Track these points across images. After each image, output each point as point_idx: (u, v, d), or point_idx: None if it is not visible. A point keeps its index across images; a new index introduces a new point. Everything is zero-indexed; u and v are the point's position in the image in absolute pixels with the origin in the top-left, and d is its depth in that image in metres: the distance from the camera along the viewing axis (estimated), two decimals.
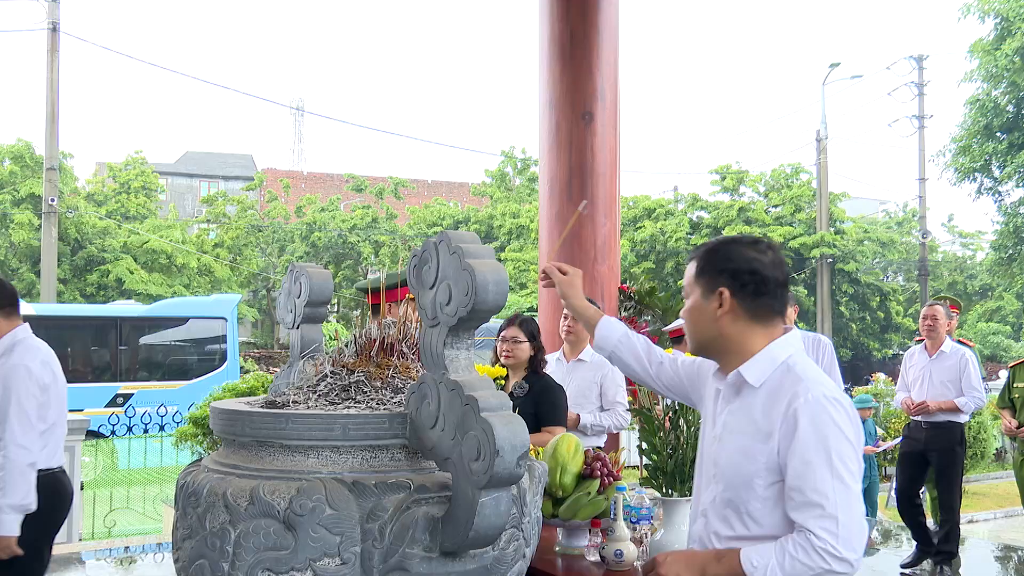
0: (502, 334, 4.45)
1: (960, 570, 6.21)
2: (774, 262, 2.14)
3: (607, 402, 5.00)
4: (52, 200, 19.08)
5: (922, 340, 7.33)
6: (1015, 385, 6.23)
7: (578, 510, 3.03)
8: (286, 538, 1.96)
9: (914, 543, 6.17)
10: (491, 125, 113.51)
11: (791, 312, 5.45)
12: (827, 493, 1.95)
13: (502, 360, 4.39)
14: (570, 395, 4.87)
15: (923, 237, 29.04)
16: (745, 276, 2.11)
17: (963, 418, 6.27)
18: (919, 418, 6.30)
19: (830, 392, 2.03)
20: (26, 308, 15.33)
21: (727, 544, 2.10)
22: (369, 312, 3.28)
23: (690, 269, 2.22)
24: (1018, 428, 6.06)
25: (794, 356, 2.12)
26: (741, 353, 2.14)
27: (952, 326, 7.34)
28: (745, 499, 2.07)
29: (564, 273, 2.58)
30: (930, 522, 6.97)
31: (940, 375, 6.27)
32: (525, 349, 4.38)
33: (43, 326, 15.43)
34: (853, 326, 31.66)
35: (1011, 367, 6.49)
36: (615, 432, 5.18)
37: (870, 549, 6.68)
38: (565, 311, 5.07)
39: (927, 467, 6.29)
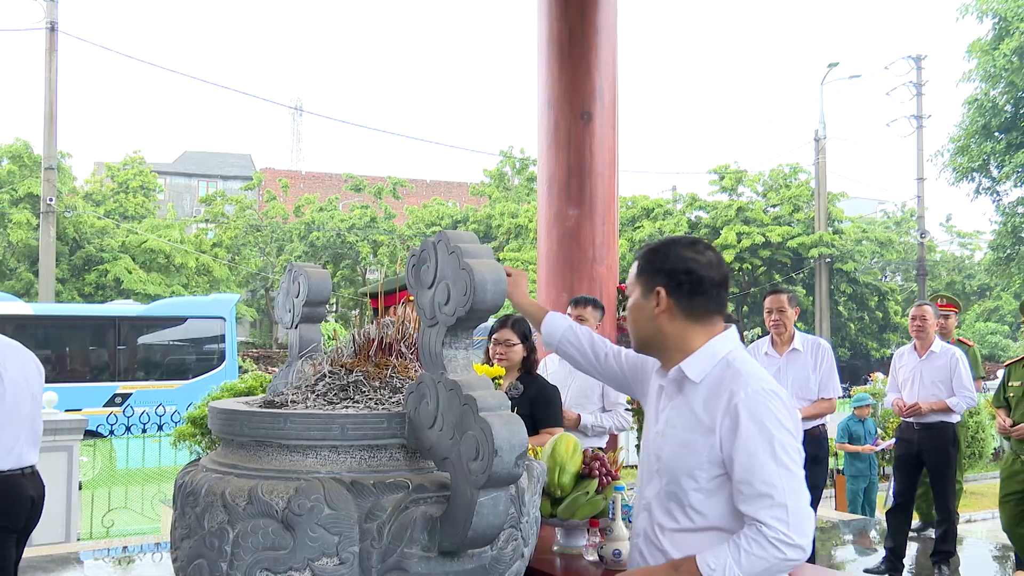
0: (494, 336, 4.41)
1: (960, 569, 6.21)
2: (711, 263, 2.21)
3: (609, 403, 4.99)
4: (50, 200, 19.07)
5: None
6: (1010, 384, 6.18)
7: (576, 510, 3.03)
8: (284, 538, 1.96)
9: (884, 550, 6.14)
10: (490, 125, 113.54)
11: (792, 313, 5.42)
12: (774, 482, 2.01)
13: (495, 362, 4.36)
14: (572, 396, 4.87)
15: (921, 237, 29.06)
16: (681, 276, 2.19)
17: (955, 418, 6.24)
18: (911, 420, 6.28)
19: (768, 385, 2.11)
20: (24, 308, 15.41)
21: (671, 537, 2.17)
22: (370, 316, 3.27)
23: (632, 269, 2.30)
24: (1012, 427, 6.03)
25: (733, 352, 2.20)
26: (681, 350, 2.21)
27: (951, 325, 7.33)
28: (687, 491, 2.13)
29: (508, 275, 2.62)
30: (916, 522, 6.97)
31: (931, 375, 6.24)
32: (518, 351, 4.35)
33: (41, 326, 15.51)
34: (851, 326, 31.69)
35: (1007, 366, 6.43)
36: (616, 433, 5.17)
37: (867, 549, 6.68)
38: (569, 313, 5.07)
39: (922, 468, 6.27)
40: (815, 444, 5.01)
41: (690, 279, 2.18)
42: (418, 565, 1.97)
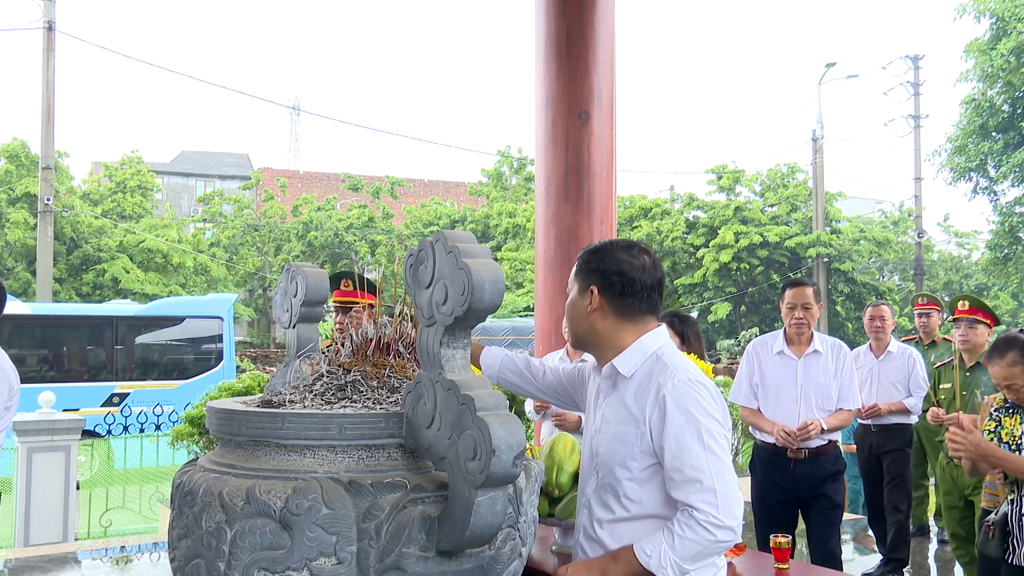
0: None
1: (930, 575, 6.20)
2: (644, 266, 2.32)
3: None
4: (48, 199, 19.06)
5: (911, 340, 7.27)
6: (940, 387, 5.95)
7: (574, 509, 3.03)
8: (282, 537, 1.96)
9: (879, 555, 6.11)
10: (487, 124, 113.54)
11: (816, 310, 5.19)
12: (703, 467, 2.12)
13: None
14: None
15: (919, 237, 29.11)
16: (613, 277, 2.31)
17: (913, 419, 6.17)
18: (868, 421, 6.20)
19: (694, 376, 2.22)
20: (22, 307, 15.39)
21: (608, 528, 2.28)
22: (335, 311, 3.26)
23: (573, 269, 2.45)
24: (946, 418, 5.82)
25: (663, 347, 2.32)
26: (613, 347, 2.34)
27: (934, 324, 7.25)
28: (621, 481, 2.25)
29: None
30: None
31: (888, 376, 6.17)
32: None
33: (39, 325, 15.49)
34: (849, 325, 31.71)
35: (936, 368, 6.17)
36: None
37: (867, 549, 6.68)
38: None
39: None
40: (831, 461, 4.77)
41: (621, 280, 2.30)
42: (416, 565, 1.97)
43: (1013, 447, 3.65)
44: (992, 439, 3.75)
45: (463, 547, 1.97)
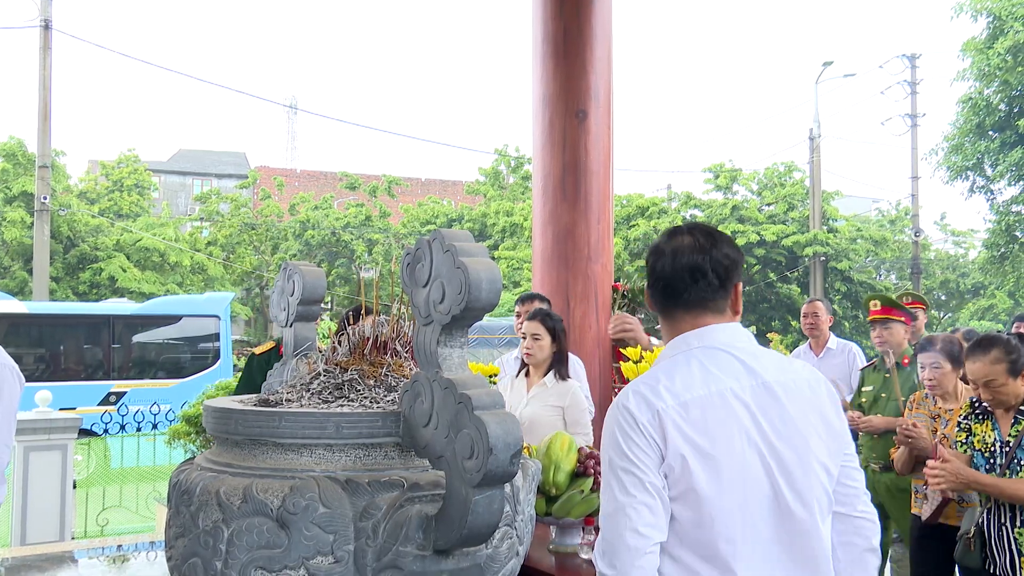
0: (524, 327, 4.53)
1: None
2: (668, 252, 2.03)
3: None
4: (44, 198, 19.03)
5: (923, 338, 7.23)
6: (863, 389, 5.76)
7: (571, 508, 3.03)
8: (279, 536, 1.96)
9: None
10: (485, 123, 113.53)
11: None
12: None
13: (523, 348, 4.47)
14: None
15: (916, 235, 29.15)
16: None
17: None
18: None
19: (620, 397, 1.93)
20: (19, 306, 15.38)
21: None
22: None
23: None
24: (860, 419, 5.70)
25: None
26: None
27: (920, 324, 7.19)
28: None
29: None
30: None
31: (828, 373, 6.07)
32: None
33: (36, 324, 15.47)
34: (846, 324, 31.73)
35: (862, 370, 5.98)
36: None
37: None
38: (516, 311, 5.12)
39: None
40: None
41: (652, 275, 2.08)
42: (413, 563, 1.97)
43: (987, 455, 3.55)
44: (965, 450, 3.65)
45: (460, 546, 1.97)
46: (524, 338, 4.50)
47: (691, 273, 1.96)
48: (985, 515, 3.51)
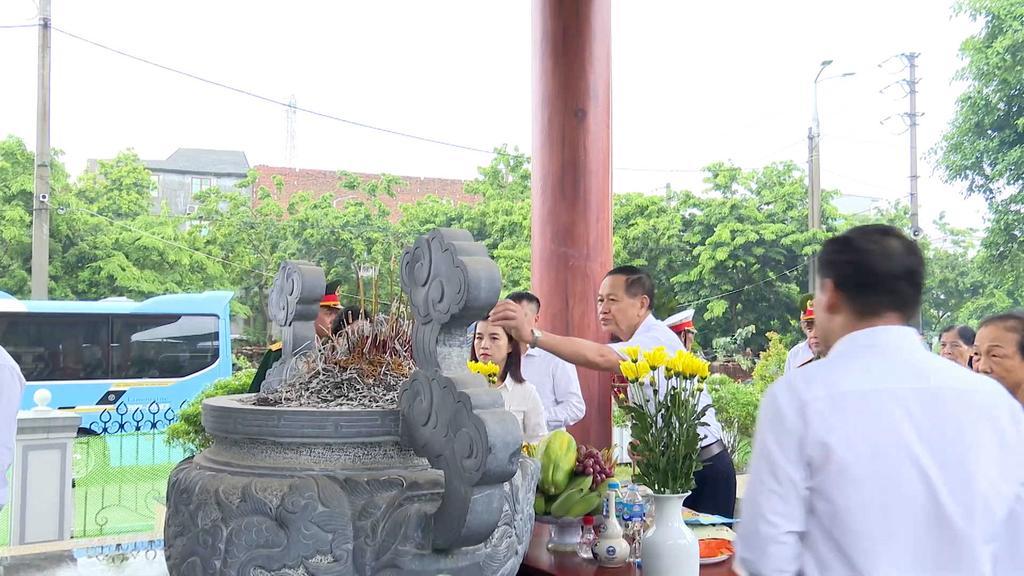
0: (478, 329, 4.34)
1: None
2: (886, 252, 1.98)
3: (561, 393, 4.91)
4: (43, 197, 19.02)
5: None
6: None
7: (570, 507, 3.03)
8: (278, 535, 1.96)
9: None
10: (484, 122, 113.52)
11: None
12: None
13: (480, 358, 4.27)
14: None
15: (915, 234, 29.13)
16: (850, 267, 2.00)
17: None
18: None
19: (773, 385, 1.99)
20: (18, 305, 15.38)
21: None
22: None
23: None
24: None
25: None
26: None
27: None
28: None
29: None
30: None
31: None
32: (503, 346, 4.29)
33: (34, 323, 15.47)
34: None
35: (798, 368, 6.11)
36: (571, 424, 5.07)
37: None
38: (479, 331, 5.03)
39: None
40: None
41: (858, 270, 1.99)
42: (412, 563, 1.97)
43: None
44: None
45: (459, 545, 1.97)
46: (480, 338, 4.34)
47: (907, 276, 1.96)
48: None
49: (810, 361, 5.78)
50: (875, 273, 1.96)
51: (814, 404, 1.84)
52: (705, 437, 2.68)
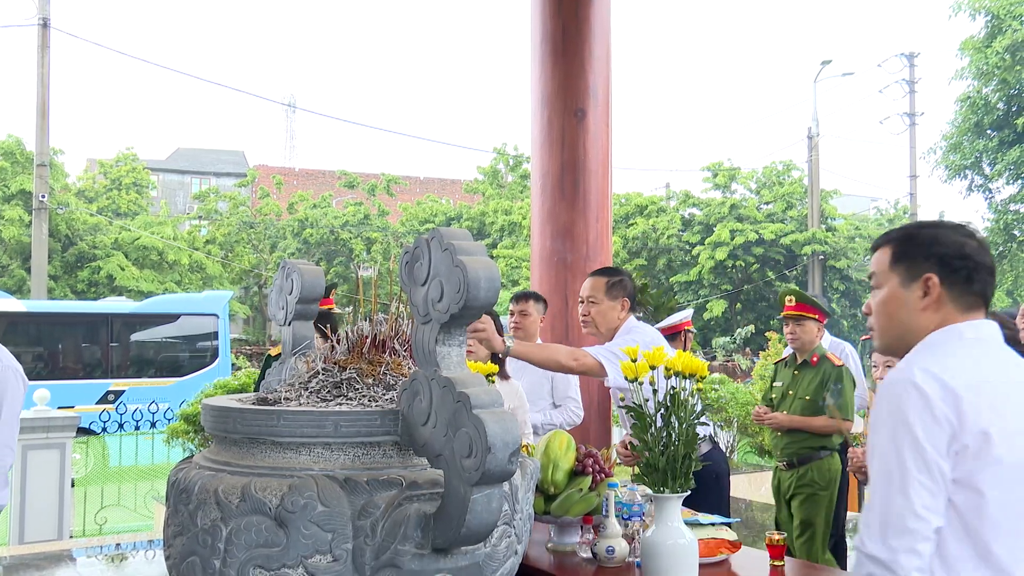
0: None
1: None
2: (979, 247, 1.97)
3: (559, 397, 4.86)
4: (43, 196, 19.02)
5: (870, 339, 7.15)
6: (774, 384, 5.55)
7: (570, 507, 3.03)
8: (278, 535, 1.96)
9: None
10: (483, 122, 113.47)
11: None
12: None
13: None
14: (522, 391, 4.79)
15: None
16: (956, 261, 1.94)
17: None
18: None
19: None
20: (17, 304, 15.37)
21: None
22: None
23: (881, 255, 2.04)
24: (766, 415, 5.34)
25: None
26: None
27: None
28: None
29: None
30: None
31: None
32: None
33: (34, 323, 15.46)
34: (844, 323, 31.76)
35: (775, 364, 5.80)
36: (568, 429, 5.02)
37: None
38: (511, 310, 5.08)
39: None
40: None
41: (967, 264, 1.94)
42: (411, 562, 1.97)
43: None
44: None
45: (459, 544, 1.97)
46: None
47: (993, 272, 1.99)
48: None
49: (784, 359, 5.64)
50: (981, 267, 1.95)
51: (966, 394, 1.78)
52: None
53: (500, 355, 3.73)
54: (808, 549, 5.03)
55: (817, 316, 5.33)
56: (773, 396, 5.51)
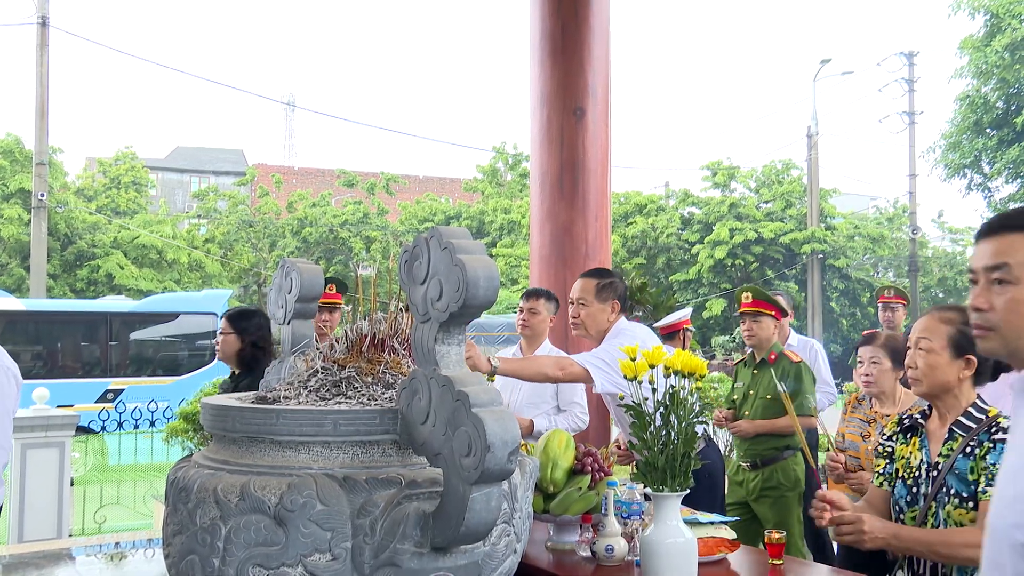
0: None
1: None
2: None
3: (564, 402, 4.74)
4: (42, 195, 19.00)
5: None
6: (735, 385, 5.47)
7: (569, 505, 3.03)
8: (277, 534, 1.96)
9: None
10: (483, 121, 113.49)
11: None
12: None
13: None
14: (524, 395, 4.67)
15: (913, 233, 29.18)
16: None
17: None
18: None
19: None
20: (16, 303, 15.36)
21: None
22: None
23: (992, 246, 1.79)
24: (729, 422, 5.26)
25: None
26: None
27: (899, 318, 7.02)
28: None
29: None
30: None
31: None
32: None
33: (33, 321, 15.47)
34: (843, 322, 31.77)
35: (733, 365, 5.70)
36: (572, 435, 4.95)
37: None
38: (521, 307, 5.05)
39: None
40: None
41: None
42: (411, 561, 1.97)
43: (909, 481, 2.67)
44: (881, 484, 2.79)
45: (458, 543, 1.97)
46: None
47: None
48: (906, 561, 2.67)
49: (743, 359, 5.52)
50: None
51: None
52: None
53: (487, 375, 3.71)
54: (787, 548, 4.99)
55: (774, 313, 5.26)
56: (735, 397, 5.44)
